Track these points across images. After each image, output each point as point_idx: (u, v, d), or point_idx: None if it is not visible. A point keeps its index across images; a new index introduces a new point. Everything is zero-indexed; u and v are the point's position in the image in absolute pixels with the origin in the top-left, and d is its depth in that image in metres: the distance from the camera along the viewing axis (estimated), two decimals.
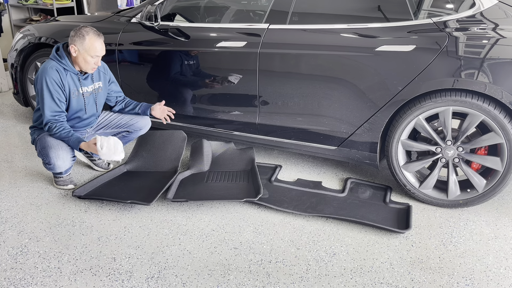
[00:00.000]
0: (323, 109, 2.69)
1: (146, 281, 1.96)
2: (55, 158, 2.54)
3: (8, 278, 1.96)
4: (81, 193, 2.61)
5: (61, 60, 2.54)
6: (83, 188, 2.64)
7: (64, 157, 2.56)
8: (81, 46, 2.49)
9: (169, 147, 2.97)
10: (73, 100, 2.61)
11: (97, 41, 2.52)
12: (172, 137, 3.00)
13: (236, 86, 2.90)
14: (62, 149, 2.55)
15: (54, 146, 2.54)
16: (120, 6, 6.05)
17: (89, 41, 2.49)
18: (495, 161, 2.38)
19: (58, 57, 2.54)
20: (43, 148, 2.56)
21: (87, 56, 2.51)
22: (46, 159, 2.57)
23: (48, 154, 2.54)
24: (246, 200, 2.50)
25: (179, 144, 2.96)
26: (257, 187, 2.58)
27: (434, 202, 2.58)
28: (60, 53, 2.55)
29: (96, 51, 2.52)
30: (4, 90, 4.89)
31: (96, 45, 2.51)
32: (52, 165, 2.57)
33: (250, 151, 3.07)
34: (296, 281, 1.97)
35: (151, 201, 2.43)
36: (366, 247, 2.21)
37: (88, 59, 2.52)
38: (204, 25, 3.08)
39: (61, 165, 2.57)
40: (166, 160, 2.92)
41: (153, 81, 3.18)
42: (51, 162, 2.55)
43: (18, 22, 5.93)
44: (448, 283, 1.97)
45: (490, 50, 2.26)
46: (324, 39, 2.63)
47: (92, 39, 2.50)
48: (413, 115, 2.45)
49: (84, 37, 2.49)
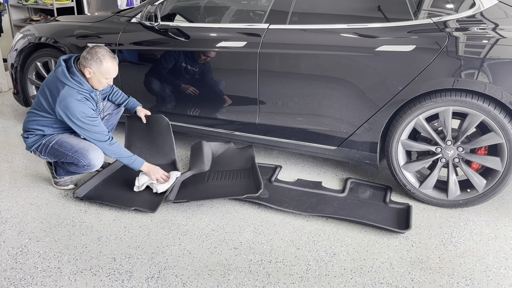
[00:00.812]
0: (323, 109, 2.69)
1: (146, 281, 1.96)
2: (95, 159, 2.53)
3: (8, 278, 1.96)
4: (81, 193, 2.60)
5: (83, 87, 2.48)
6: (83, 188, 2.64)
7: (101, 157, 2.58)
8: (97, 70, 2.47)
9: (158, 135, 2.96)
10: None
11: (114, 64, 2.52)
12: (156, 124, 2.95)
13: (236, 86, 2.90)
14: (97, 149, 2.55)
15: (88, 147, 2.53)
16: (120, 6, 6.05)
17: (106, 65, 2.47)
18: (495, 161, 2.38)
19: (79, 84, 2.47)
20: (75, 152, 2.52)
21: (102, 78, 2.50)
22: (85, 161, 2.52)
23: (85, 157, 2.51)
24: (247, 197, 2.50)
25: (166, 131, 2.95)
26: (258, 183, 2.58)
27: (434, 202, 2.58)
28: (78, 79, 2.46)
29: (112, 74, 2.53)
30: (4, 90, 4.89)
31: (113, 69, 2.52)
32: (92, 166, 2.55)
33: (250, 149, 3.07)
34: (296, 281, 1.97)
35: (155, 209, 2.45)
36: (366, 247, 2.21)
37: (102, 81, 2.52)
38: (204, 25, 3.08)
39: (99, 164, 2.59)
40: (160, 150, 2.95)
41: (153, 81, 3.18)
42: (91, 163, 2.53)
43: (18, 22, 5.93)
44: (448, 283, 1.97)
45: (490, 50, 2.26)
46: (324, 39, 2.63)
47: (109, 63, 2.48)
48: (413, 115, 2.45)
49: (102, 62, 2.46)
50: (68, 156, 2.55)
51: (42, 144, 2.59)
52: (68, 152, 2.54)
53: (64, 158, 2.57)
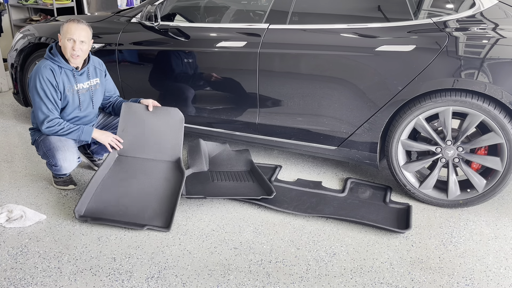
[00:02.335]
0: (323, 109, 2.69)
1: (146, 281, 1.96)
2: (62, 160, 2.52)
3: (8, 278, 1.96)
4: (81, 210, 2.36)
5: (54, 58, 2.52)
6: (81, 204, 2.37)
7: (70, 159, 2.55)
8: (61, 32, 2.51)
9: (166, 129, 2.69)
10: (69, 98, 2.57)
11: (73, 24, 2.49)
12: (167, 116, 2.69)
13: (236, 86, 2.90)
14: (68, 151, 2.54)
15: (60, 147, 2.52)
16: (120, 6, 6.05)
17: (66, 25, 2.49)
18: (495, 161, 2.38)
19: (52, 55, 2.53)
20: (49, 150, 2.53)
21: (64, 40, 2.49)
22: (52, 161, 2.54)
23: (54, 156, 2.51)
24: (262, 198, 2.53)
25: (177, 126, 2.68)
26: (268, 187, 2.62)
27: (434, 202, 2.58)
28: (53, 51, 2.53)
29: (69, 33, 2.47)
30: (4, 90, 4.89)
31: (71, 28, 2.48)
32: (59, 167, 2.54)
33: (246, 153, 3.08)
34: (296, 281, 1.97)
35: (169, 226, 2.28)
36: (366, 247, 2.21)
37: (65, 44, 2.49)
38: (204, 25, 3.08)
39: (68, 167, 2.56)
40: (163, 146, 2.68)
41: (153, 81, 3.18)
42: (57, 164, 2.53)
43: (18, 22, 5.93)
44: (448, 283, 1.97)
45: (490, 50, 2.26)
46: (324, 39, 2.63)
47: (69, 23, 2.49)
48: (413, 115, 2.45)
49: (63, 24, 2.51)
50: (44, 154, 2.58)
51: (35, 140, 2.65)
52: (45, 150, 2.56)
53: (43, 155, 2.60)
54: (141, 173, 2.59)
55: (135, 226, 2.29)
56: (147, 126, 2.70)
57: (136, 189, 2.49)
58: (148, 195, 2.46)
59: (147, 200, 2.43)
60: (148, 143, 2.70)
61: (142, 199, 2.43)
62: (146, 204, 2.41)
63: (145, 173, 2.59)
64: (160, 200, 2.43)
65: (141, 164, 2.65)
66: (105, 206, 2.40)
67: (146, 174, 2.59)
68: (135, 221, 2.32)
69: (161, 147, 2.70)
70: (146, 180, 2.55)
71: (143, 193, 2.47)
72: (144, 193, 2.46)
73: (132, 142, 2.69)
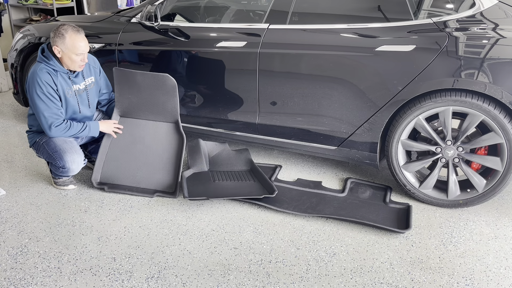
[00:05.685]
0: (323, 109, 2.69)
1: (146, 281, 1.96)
2: (70, 162, 2.52)
3: (8, 278, 1.96)
4: (97, 177, 2.69)
5: (49, 62, 2.47)
6: (96, 171, 2.69)
7: (78, 161, 2.56)
8: (63, 46, 2.43)
9: (160, 92, 2.72)
10: (68, 100, 2.57)
11: (78, 37, 2.44)
12: (159, 81, 2.71)
13: (236, 86, 2.90)
14: (76, 153, 2.55)
15: (68, 150, 2.52)
16: (120, 6, 6.04)
17: (70, 39, 2.42)
18: (495, 161, 2.38)
19: (46, 58, 2.48)
20: (55, 152, 2.52)
21: (72, 55, 2.45)
22: (60, 163, 2.53)
23: (62, 158, 2.51)
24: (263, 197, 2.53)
25: (171, 90, 2.71)
26: (269, 186, 2.62)
27: (434, 202, 2.58)
28: (46, 54, 2.48)
29: (79, 49, 2.45)
30: (4, 90, 4.89)
31: (78, 43, 2.44)
32: (67, 169, 2.55)
33: (245, 152, 3.08)
34: (296, 281, 1.97)
35: (176, 193, 2.60)
36: (366, 247, 2.21)
37: (73, 58, 2.46)
38: (204, 25, 3.08)
39: (75, 168, 2.58)
40: (161, 108, 2.74)
41: None
42: (65, 166, 2.53)
43: (18, 22, 5.93)
44: (448, 283, 1.97)
45: (490, 50, 2.26)
46: (324, 39, 2.63)
47: (72, 36, 2.42)
48: (413, 115, 2.45)
49: (64, 36, 2.42)
50: (50, 156, 2.56)
51: (36, 141, 2.63)
52: (51, 152, 2.55)
53: (49, 157, 2.58)
54: (145, 136, 2.76)
55: (146, 193, 2.61)
56: (142, 90, 2.76)
57: (143, 153, 2.73)
58: (154, 158, 2.72)
59: (154, 164, 2.71)
60: (146, 105, 2.78)
61: (150, 164, 2.71)
62: (153, 169, 2.70)
63: (149, 135, 2.76)
64: (164, 166, 2.70)
65: (144, 126, 2.78)
66: (117, 171, 2.70)
67: (150, 136, 2.76)
68: (145, 186, 2.65)
69: (160, 109, 2.78)
70: (151, 144, 2.75)
71: (150, 157, 2.72)
72: (151, 157, 2.72)
73: (131, 104, 2.78)
